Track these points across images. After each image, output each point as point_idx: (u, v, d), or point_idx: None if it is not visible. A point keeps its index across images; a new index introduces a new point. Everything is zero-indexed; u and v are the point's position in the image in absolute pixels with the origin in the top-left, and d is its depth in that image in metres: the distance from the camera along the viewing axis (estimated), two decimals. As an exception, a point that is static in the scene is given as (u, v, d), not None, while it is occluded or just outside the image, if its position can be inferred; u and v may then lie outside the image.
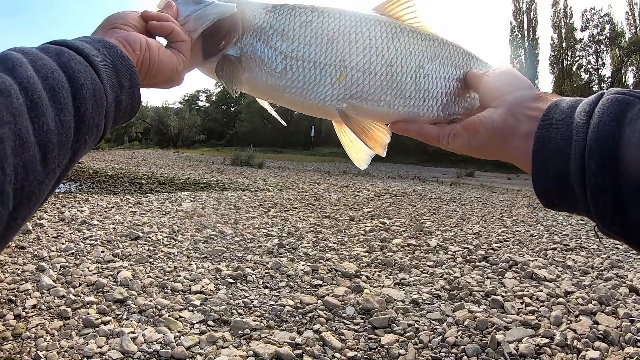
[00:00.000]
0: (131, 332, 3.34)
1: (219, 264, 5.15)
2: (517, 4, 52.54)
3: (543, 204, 0.84)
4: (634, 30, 46.20)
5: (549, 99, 0.89)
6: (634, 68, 46.49)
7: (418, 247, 6.35)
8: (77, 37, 0.85)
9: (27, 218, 0.66)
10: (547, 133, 0.79)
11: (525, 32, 51.98)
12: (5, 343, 3.15)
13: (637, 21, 45.88)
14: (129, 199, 9.52)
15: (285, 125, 1.38)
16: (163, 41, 1.05)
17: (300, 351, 3.20)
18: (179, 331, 3.43)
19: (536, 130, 0.82)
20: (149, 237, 6.13)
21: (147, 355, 3.10)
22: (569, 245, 6.90)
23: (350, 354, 3.20)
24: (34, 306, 3.74)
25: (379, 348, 3.34)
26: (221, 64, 1.12)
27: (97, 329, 3.38)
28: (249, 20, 1.14)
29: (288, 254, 5.72)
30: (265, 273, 4.89)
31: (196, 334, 3.42)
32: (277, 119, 1.29)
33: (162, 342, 3.26)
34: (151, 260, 5.14)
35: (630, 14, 46.40)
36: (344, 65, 1.11)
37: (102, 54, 0.82)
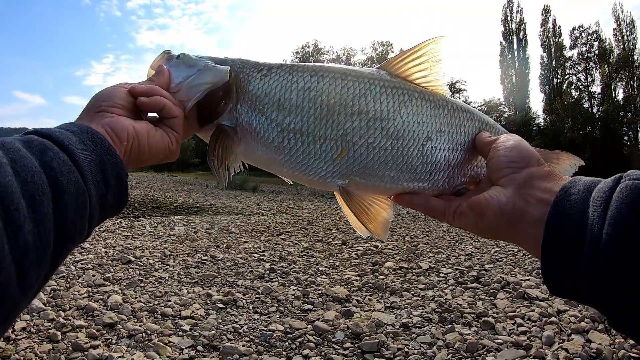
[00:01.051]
0: (120, 357, 3.33)
1: (210, 288, 5.14)
2: (507, 25, 53.19)
3: (551, 291, 0.78)
4: (622, 46, 46.71)
5: (560, 177, 0.85)
6: (623, 84, 46.88)
7: (410, 270, 6.34)
8: (64, 125, 0.82)
9: (3, 334, 0.63)
10: (559, 221, 0.74)
11: (515, 53, 52.52)
12: (-7, 369, 3.13)
13: (625, 37, 46.39)
14: (121, 222, 9.50)
15: (291, 184, 1.30)
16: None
17: (289, 376, 3.19)
18: (167, 356, 3.42)
19: (547, 216, 0.76)
20: (141, 261, 6.11)
21: (136, 381, 3.09)
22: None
23: (339, 379, 3.19)
24: (24, 329, 3.72)
25: (368, 373, 3.32)
26: (215, 136, 1.06)
27: (86, 352, 3.37)
28: (243, 86, 1.08)
29: (279, 278, 5.71)
30: (256, 298, 4.88)
31: (185, 359, 3.40)
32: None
33: (151, 367, 3.24)
34: (142, 284, 5.12)
35: (617, 30, 46.98)
36: (346, 140, 1.04)
37: (88, 149, 0.78)
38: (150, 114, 1.02)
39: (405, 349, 3.69)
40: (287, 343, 3.75)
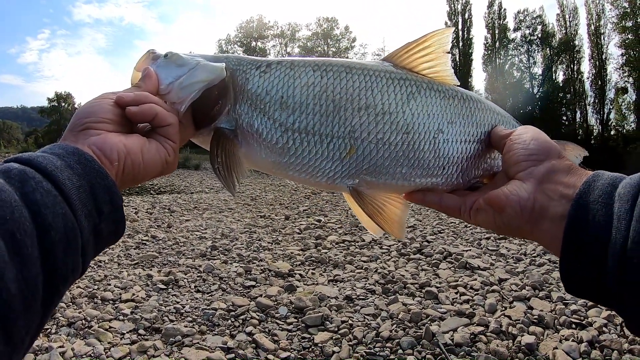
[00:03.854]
0: (60, 347, 3.23)
1: (151, 269, 5.06)
2: (452, 5, 53.53)
3: (568, 291, 0.74)
4: (564, 31, 47.71)
5: (583, 172, 0.80)
6: (564, 67, 48.02)
7: (353, 243, 6.39)
8: (47, 148, 0.74)
9: None
10: (582, 215, 0.70)
11: (460, 32, 52.98)
12: None
13: (568, 22, 47.40)
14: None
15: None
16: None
17: (233, 355, 3.17)
18: (109, 342, 3.35)
19: (569, 211, 0.72)
20: (78, 245, 5.95)
21: (77, 370, 3.02)
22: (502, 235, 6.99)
23: (284, 354, 3.19)
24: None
25: (312, 347, 3.34)
26: (215, 141, 0.98)
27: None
28: (241, 85, 1.01)
29: (221, 255, 5.67)
30: (198, 277, 4.83)
31: (127, 344, 3.34)
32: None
33: (92, 354, 3.17)
34: (80, 269, 4.99)
35: (561, 15, 47.90)
36: (354, 137, 0.98)
37: (75, 174, 0.69)
38: (140, 125, 0.93)
39: (349, 322, 3.71)
40: (230, 321, 3.72)
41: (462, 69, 51.31)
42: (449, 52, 1.07)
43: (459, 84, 1.09)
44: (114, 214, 0.74)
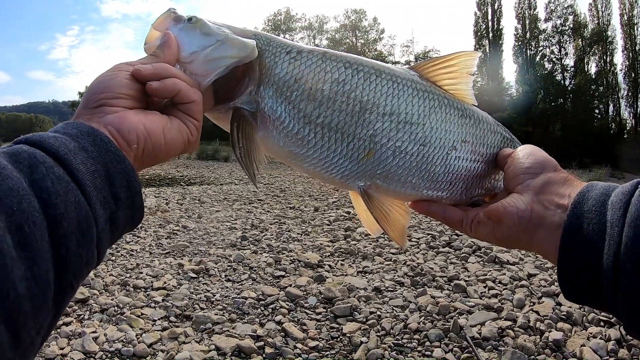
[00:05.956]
0: (93, 332, 3.30)
1: (182, 258, 5.12)
2: (482, -4, 52.80)
3: (566, 296, 0.77)
4: (596, 21, 46.79)
5: (578, 183, 0.83)
6: (596, 58, 47.13)
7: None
8: (60, 127, 0.69)
9: None
10: (577, 223, 0.73)
11: (489, 23, 52.20)
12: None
13: (600, 12, 46.48)
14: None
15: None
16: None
17: (262, 343, 3.20)
18: (140, 329, 3.41)
19: (565, 220, 0.75)
20: (111, 235, 6.03)
21: (109, 355, 3.07)
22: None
23: (312, 344, 3.21)
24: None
25: (340, 337, 3.35)
26: (236, 122, 0.95)
27: (58, 330, 3.32)
28: (269, 67, 0.97)
29: (251, 246, 5.71)
30: (228, 266, 4.88)
31: (158, 330, 3.39)
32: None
33: (124, 340, 3.22)
34: (113, 258, 5.07)
35: (593, 5, 46.98)
36: (374, 140, 0.98)
37: (90, 157, 0.64)
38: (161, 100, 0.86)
39: (378, 313, 3.72)
40: (259, 310, 3.75)
41: (492, 61, 50.67)
42: (472, 75, 1.09)
43: (477, 104, 1.12)
44: (131, 200, 0.70)
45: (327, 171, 1.00)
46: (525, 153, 0.94)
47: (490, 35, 52.06)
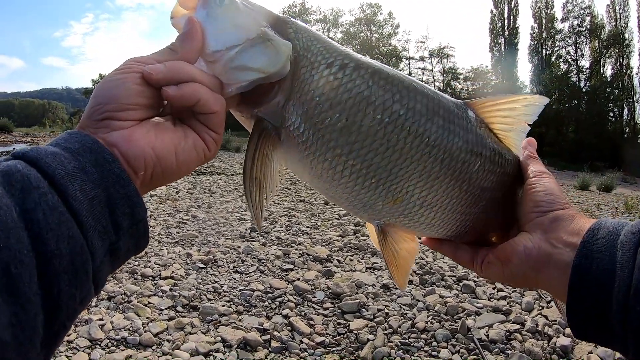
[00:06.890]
0: (99, 320, 3.30)
1: (190, 248, 5.12)
2: (498, -7, 52.54)
3: (575, 335, 0.75)
4: (613, 23, 46.56)
5: (586, 220, 0.80)
6: (613, 60, 46.88)
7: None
8: (62, 138, 0.62)
9: None
10: (586, 263, 0.71)
11: (506, 21, 52.04)
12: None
13: (618, 14, 46.20)
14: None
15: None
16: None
17: (268, 337, 3.19)
18: (147, 317, 3.40)
19: (574, 260, 0.73)
20: (120, 222, 6.04)
21: (115, 342, 3.07)
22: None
23: (319, 339, 3.20)
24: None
25: (347, 333, 3.34)
26: (256, 138, 0.80)
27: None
28: (302, 80, 0.80)
29: (260, 238, 5.69)
30: (236, 257, 4.87)
31: (164, 320, 3.39)
32: None
33: (130, 328, 3.23)
34: (121, 245, 5.07)
35: (611, 6, 46.78)
36: (405, 190, 0.85)
37: (90, 180, 0.57)
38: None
39: (386, 310, 3.70)
40: (267, 303, 3.74)
41: (507, 59, 50.44)
42: (529, 125, 0.96)
43: (520, 154, 0.99)
44: (134, 228, 0.63)
45: (349, 202, 0.89)
46: (537, 189, 0.88)
47: (506, 33, 51.93)
